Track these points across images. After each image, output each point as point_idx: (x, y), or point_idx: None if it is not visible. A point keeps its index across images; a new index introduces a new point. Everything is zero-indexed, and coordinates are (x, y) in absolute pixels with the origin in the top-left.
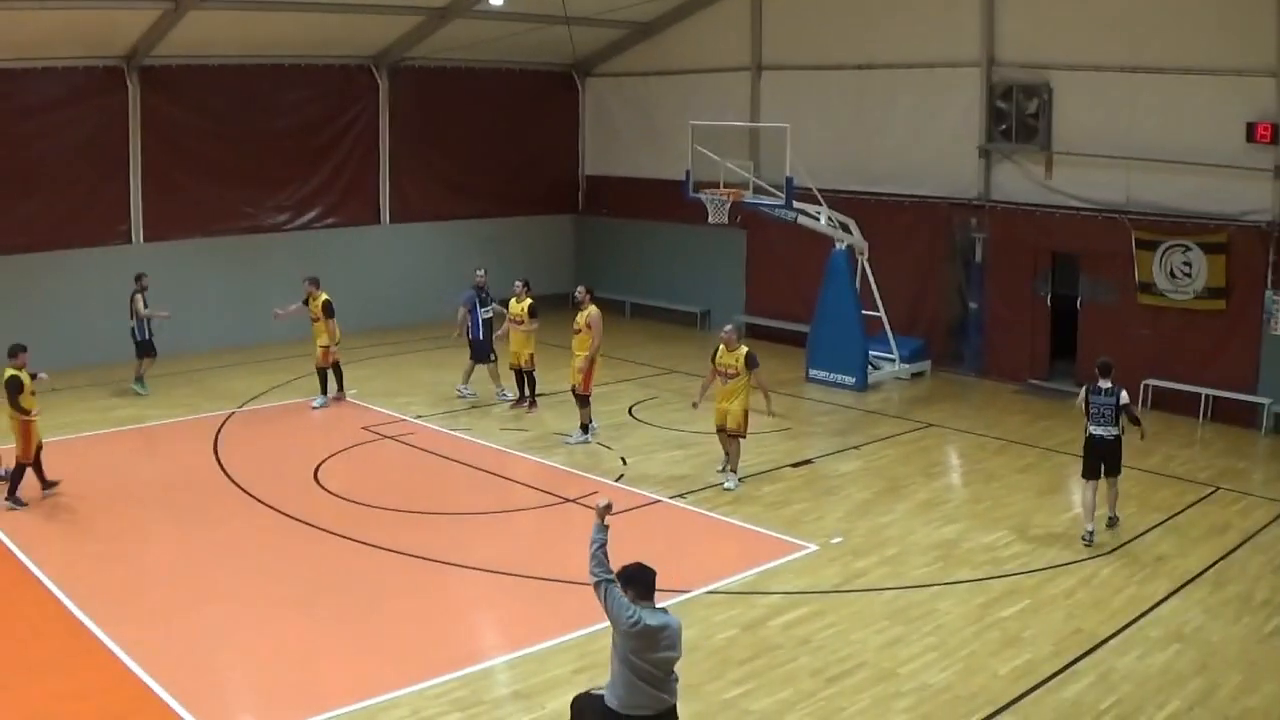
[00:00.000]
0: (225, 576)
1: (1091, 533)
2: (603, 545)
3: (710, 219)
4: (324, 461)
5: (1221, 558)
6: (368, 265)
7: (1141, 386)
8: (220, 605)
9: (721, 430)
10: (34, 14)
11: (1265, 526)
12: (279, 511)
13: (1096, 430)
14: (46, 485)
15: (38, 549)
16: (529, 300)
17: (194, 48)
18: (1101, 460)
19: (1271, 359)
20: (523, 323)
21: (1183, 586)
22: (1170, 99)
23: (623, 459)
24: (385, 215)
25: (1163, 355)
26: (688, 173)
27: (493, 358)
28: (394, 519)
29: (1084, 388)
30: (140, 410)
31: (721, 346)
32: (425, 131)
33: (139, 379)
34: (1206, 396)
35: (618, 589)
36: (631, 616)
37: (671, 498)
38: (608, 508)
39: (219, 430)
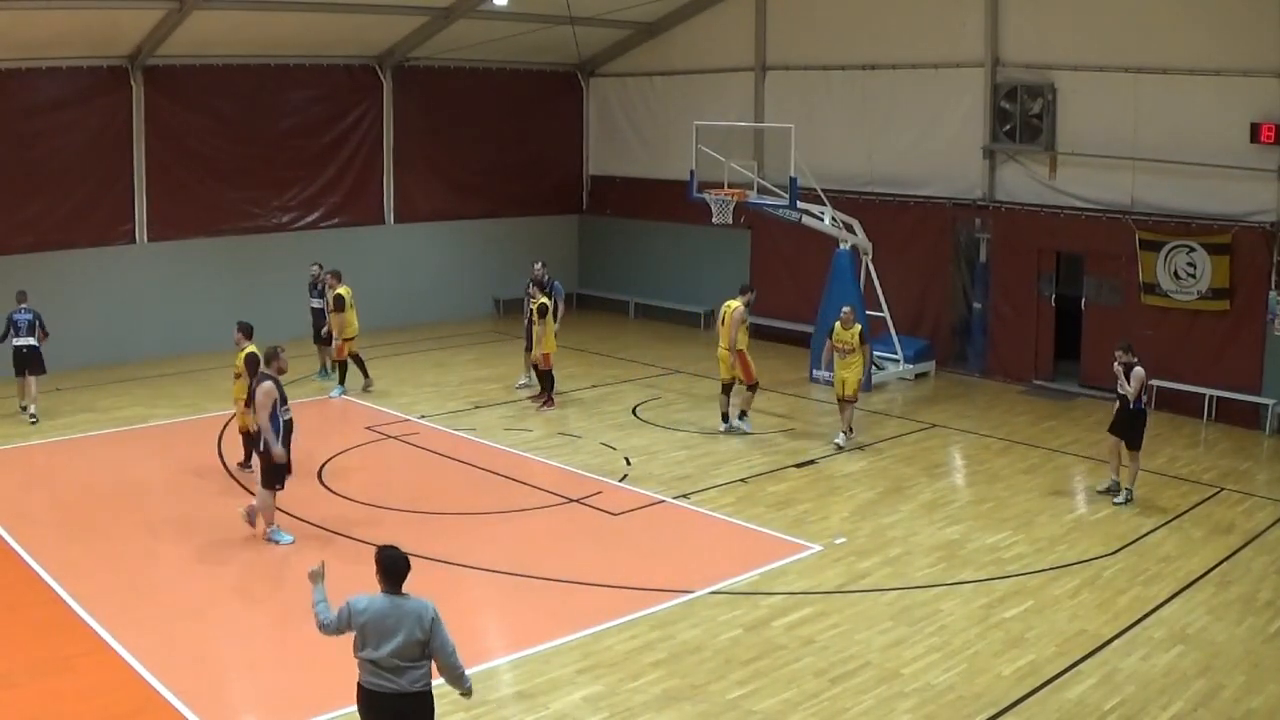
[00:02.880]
0: (229, 576)
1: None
2: (319, 603)
3: (714, 219)
4: (328, 461)
5: (1225, 558)
6: (372, 265)
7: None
8: (224, 605)
9: (841, 399)
10: (38, 14)
11: (1269, 527)
12: (282, 511)
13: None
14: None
15: (42, 549)
16: (542, 299)
17: (198, 48)
18: None
19: (1275, 360)
20: (535, 322)
21: (1186, 587)
22: (1175, 100)
23: (627, 459)
24: (389, 215)
25: (1167, 356)
26: (692, 173)
27: (527, 347)
28: (397, 519)
29: (1141, 371)
30: (144, 410)
31: (838, 324)
32: (429, 132)
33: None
34: (1210, 397)
35: (343, 610)
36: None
37: (675, 498)
38: (319, 573)
39: (223, 430)
